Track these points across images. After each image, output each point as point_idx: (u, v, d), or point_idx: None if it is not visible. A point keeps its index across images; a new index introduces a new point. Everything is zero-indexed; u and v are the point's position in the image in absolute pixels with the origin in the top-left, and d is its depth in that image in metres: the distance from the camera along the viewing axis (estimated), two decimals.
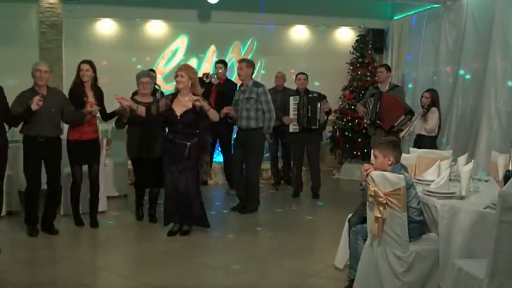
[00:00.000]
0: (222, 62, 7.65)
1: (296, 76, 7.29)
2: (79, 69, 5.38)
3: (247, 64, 6.25)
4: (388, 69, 7.31)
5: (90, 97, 5.37)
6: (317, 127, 6.99)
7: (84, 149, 5.40)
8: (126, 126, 5.80)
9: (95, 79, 5.46)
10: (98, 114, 5.51)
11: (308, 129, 7.00)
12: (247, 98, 6.15)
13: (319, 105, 6.94)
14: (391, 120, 6.83)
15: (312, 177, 7.29)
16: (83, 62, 5.42)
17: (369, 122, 7.13)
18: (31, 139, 5.05)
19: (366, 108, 7.14)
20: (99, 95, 5.48)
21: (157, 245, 5.12)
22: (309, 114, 6.96)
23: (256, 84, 6.29)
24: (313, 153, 7.21)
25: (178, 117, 5.14)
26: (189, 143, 5.14)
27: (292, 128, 7.12)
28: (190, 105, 5.13)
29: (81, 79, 5.36)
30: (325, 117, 7.12)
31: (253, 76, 6.40)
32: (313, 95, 7.04)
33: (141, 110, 5.31)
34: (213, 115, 5.27)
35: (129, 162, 7.34)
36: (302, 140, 7.13)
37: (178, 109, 5.16)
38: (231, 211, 6.39)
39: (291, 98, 7.12)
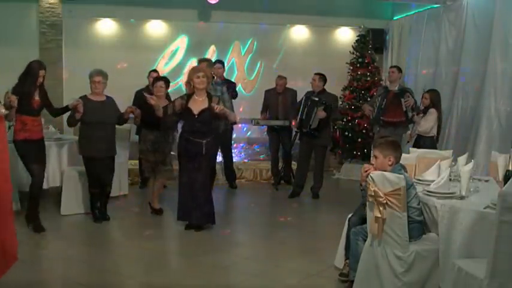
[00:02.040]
0: (220, 62, 7.69)
1: None
2: (38, 75, 5.22)
3: (208, 64, 6.43)
4: (399, 70, 7.23)
5: (36, 95, 5.29)
6: (307, 130, 6.96)
7: (35, 148, 5.32)
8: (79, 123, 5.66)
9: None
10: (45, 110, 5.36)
11: (305, 131, 6.99)
12: (219, 95, 6.38)
13: (315, 110, 6.90)
14: (394, 117, 6.88)
15: (315, 177, 7.28)
16: (44, 68, 5.30)
17: (373, 120, 7.11)
18: None
19: (372, 107, 7.14)
20: (43, 93, 5.38)
21: (158, 244, 5.12)
22: (303, 117, 6.98)
23: (218, 83, 6.75)
24: (318, 156, 7.22)
25: (196, 116, 5.31)
26: (204, 141, 5.34)
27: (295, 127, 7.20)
28: (206, 104, 5.34)
29: (35, 83, 5.24)
30: (318, 123, 6.88)
31: (253, 76, 6.46)
32: (315, 98, 6.98)
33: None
34: (233, 117, 5.72)
35: (130, 162, 7.40)
36: (307, 142, 7.14)
37: (195, 108, 5.35)
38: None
39: (303, 98, 7.15)
